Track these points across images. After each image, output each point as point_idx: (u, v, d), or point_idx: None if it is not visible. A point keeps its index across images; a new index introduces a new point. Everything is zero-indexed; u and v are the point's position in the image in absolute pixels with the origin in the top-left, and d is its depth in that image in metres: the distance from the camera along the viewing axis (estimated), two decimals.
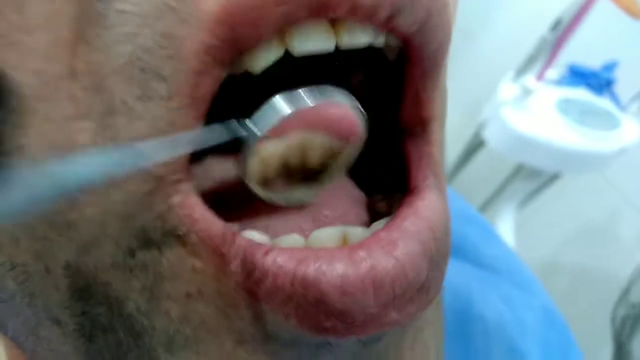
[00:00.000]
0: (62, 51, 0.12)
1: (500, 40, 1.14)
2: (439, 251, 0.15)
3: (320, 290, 0.13)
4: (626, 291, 0.70)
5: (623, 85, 0.98)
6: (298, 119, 0.15)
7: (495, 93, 0.91)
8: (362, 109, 0.16)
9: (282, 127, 0.15)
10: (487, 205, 1.02)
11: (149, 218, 0.13)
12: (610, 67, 0.99)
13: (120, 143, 0.12)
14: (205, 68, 0.12)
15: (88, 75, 0.12)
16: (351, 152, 0.17)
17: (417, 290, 0.14)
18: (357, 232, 0.16)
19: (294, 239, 0.16)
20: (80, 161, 0.11)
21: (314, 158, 0.16)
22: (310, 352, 0.14)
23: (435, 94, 0.16)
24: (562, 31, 0.81)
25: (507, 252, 0.44)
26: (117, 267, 0.13)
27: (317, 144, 0.16)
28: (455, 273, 0.37)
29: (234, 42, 0.12)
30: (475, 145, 0.96)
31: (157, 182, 0.13)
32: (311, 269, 0.13)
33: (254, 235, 0.15)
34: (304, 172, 0.17)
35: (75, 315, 0.14)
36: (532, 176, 0.95)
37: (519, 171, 0.97)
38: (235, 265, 0.13)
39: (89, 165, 0.11)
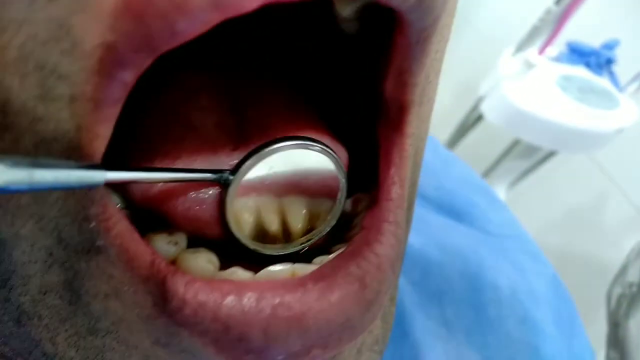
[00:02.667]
0: None
1: (501, 13, 1.12)
2: (381, 289, 0.14)
3: (242, 331, 0.12)
4: (623, 270, 0.70)
5: (622, 66, 0.97)
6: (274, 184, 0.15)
7: (494, 66, 0.89)
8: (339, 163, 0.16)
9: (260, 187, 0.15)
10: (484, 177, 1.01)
11: (66, 222, 0.12)
12: (610, 45, 0.97)
13: (25, 149, 0.11)
14: (107, 69, 0.10)
15: None
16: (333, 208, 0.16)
17: (346, 330, 0.13)
18: (307, 270, 0.15)
19: (240, 274, 0.14)
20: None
21: (295, 223, 0.16)
22: None
23: (420, 78, 0.15)
24: (567, 4, 0.79)
25: (514, 220, 0.43)
26: (33, 263, 0.12)
27: (295, 209, 0.16)
28: (464, 237, 0.35)
29: (142, 40, 0.10)
30: (473, 120, 0.95)
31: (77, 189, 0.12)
32: (235, 309, 0.12)
33: (199, 261, 0.14)
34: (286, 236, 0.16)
35: (1, 301, 0.13)
36: (528, 154, 0.94)
37: (514, 148, 0.96)
38: (152, 286, 0.13)
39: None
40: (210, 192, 0.15)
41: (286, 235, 0.16)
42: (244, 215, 0.15)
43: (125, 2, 0.10)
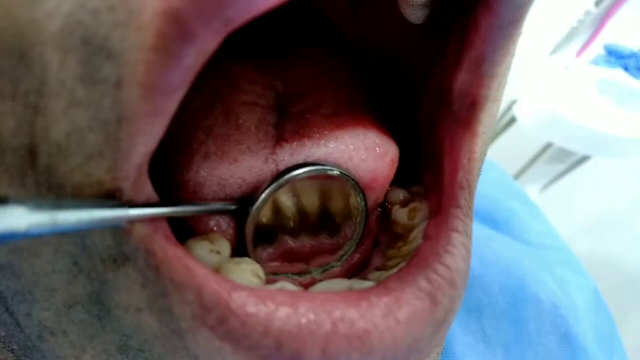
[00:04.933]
0: None
1: (537, 14, 1.09)
2: (452, 307, 0.12)
3: (298, 349, 0.11)
4: None
5: None
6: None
7: (529, 68, 0.87)
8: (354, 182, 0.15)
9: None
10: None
11: (90, 231, 0.11)
12: None
13: (56, 138, 0.09)
14: (168, 46, 0.09)
15: (13, 39, 0.09)
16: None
17: (412, 353, 0.12)
18: (364, 286, 0.13)
19: (289, 288, 0.13)
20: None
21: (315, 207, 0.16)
22: None
23: (500, 69, 0.13)
24: (608, 6, 0.77)
25: (552, 230, 0.41)
26: (58, 273, 0.11)
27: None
28: (505, 248, 0.35)
29: (215, 8, 0.08)
30: (506, 122, 0.93)
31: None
32: (290, 323, 0.11)
33: (245, 274, 0.13)
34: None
35: (23, 315, 0.12)
36: (560, 158, 0.92)
37: (547, 151, 0.94)
38: (190, 295, 0.11)
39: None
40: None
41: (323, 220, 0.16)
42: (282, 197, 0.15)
43: None
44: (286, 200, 0.16)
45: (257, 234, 0.15)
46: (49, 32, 0.09)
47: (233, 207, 0.14)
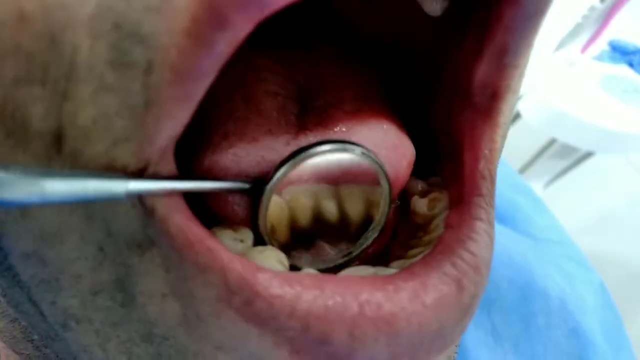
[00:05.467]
0: None
1: None
2: (477, 294, 0.12)
3: (324, 330, 0.11)
4: None
5: None
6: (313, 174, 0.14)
7: (533, 64, 0.87)
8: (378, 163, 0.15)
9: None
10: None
11: (114, 211, 0.11)
12: None
13: (83, 122, 0.09)
14: (201, 31, 0.09)
15: (42, 23, 0.09)
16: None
17: (438, 338, 0.12)
18: (388, 272, 0.13)
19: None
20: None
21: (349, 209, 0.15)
22: None
23: (523, 60, 0.13)
24: (613, 2, 0.76)
25: (558, 224, 0.41)
26: (83, 260, 0.11)
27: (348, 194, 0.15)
28: (512, 243, 0.35)
29: None
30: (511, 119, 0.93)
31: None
32: (317, 305, 0.11)
33: (270, 258, 0.13)
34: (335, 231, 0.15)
35: (48, 303, 0.12)
36: (564, 154, 0.92)
37: (550, 147, 0.94)
38: (215, 277, 0.11)
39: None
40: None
41: (343, 225, 0.15)
42: (301, 199, 0.14)
43: None
44: (328, 205, 0.15)
45: (294, 238, 0.15)
46: (80, 16, 0.09)
47: (247, 185, 0.13)
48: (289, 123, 0.15)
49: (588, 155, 0.94)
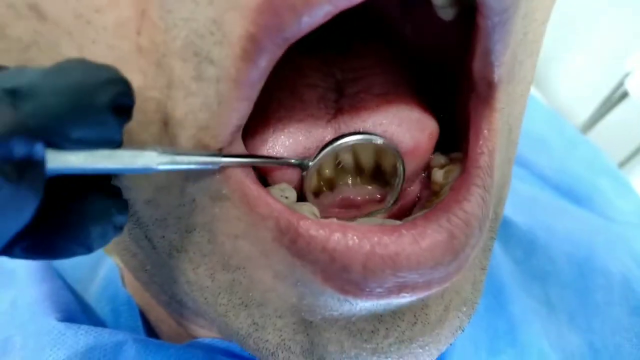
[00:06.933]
0: (128, 29, 0.13)
1: None
2: (468, 242, 0.16)
3: (345, 262, 0.15)
4: None
5: None
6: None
7: None
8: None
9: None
10: (625, 162, 0.93)
11: (202, 173, 0.15)
12: None
13: (179, 115, 0.14)
14: (249, 56, 0.13)
15: (152, 53, 0.13)
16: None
17: (434, 274, 0.15)
18: (394, 223, 0.16)
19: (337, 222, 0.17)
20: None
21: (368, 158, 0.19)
22: (335, 300, 0.16)
23: (505, 58, 0.16)
24: None
25: None
26: (182, 206, 0.16)
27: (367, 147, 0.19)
28: (577, 222, 0.35)
29: (276, 30, 0.12)
30: (618, 97, 0.87)
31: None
32: (341, 244, 0.15)
33: (304, 208, 0.17)
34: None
35: (159, 238, 0.17)
36: None
37: None
38: (271, 223, 0.15)
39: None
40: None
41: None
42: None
43: (266, 0, 0.12)
44: (347, 157, 0.19)
45: (321, 184, 0.20)
46: (174, 48, 0.13)
47: (297, 161, 0.18)
48: (328, 107, 0.19)
49: None
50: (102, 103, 0.11)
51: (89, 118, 0.11)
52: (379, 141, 0.18)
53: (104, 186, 0.13)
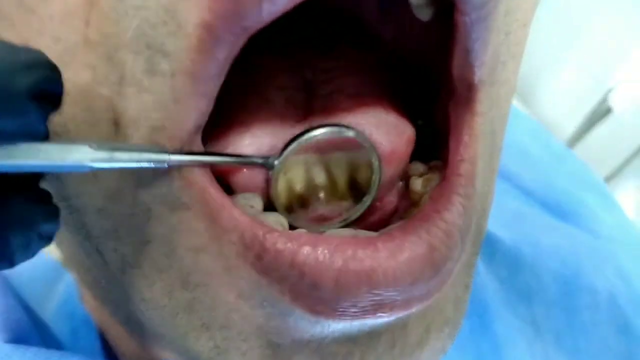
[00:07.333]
0: (76, 19, 0.12)
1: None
2: (450, 255, 0.15)
3: (315, 279, 0.13)
4: None
5: None
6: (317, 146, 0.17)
7: (629, 55, 0.81)
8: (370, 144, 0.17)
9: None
10: (610, 178, 0.93)
11: (159, 180, 0.14)
12: None
13: (132, 114, 0.13)
14: (206, 47, 0.12)
15: (102, 46, 0.12)
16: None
17: (414, 291, 0.14)
18: (367, 235, 0.16)
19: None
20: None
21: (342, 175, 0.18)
22: (306, 321, 0.15)
23: (486, 58, 0.15)
24: None
25: (628, 224, 0.40)
26: (136, 216, 0.14)
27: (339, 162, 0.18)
28: (563, 238, 0.34)
29: (234, 18, 0.12)
30: (601, 113, 0.87)
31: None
32: (311, 258, 0.13)
33: (270, 218, 0.16)
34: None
35: (111, 251, 0.15)
36: None
37: None
38: (234, 236, 0.14)
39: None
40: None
41: (332, 191, 0.18)
42: (294, 169, 0.17)
43: None
44: (318, 172, 0.18)
45: (294, 202, 0.18)
46: (125, 40, 0.12)
47: (261, 160, 0.16)
48: (297, 109, 0.18)
49: None
50: (21, 89, 0.09)
51: (5, 105, 0.09)
52: (351, 134, 0.17)
53: (30, 188, 0.12)
